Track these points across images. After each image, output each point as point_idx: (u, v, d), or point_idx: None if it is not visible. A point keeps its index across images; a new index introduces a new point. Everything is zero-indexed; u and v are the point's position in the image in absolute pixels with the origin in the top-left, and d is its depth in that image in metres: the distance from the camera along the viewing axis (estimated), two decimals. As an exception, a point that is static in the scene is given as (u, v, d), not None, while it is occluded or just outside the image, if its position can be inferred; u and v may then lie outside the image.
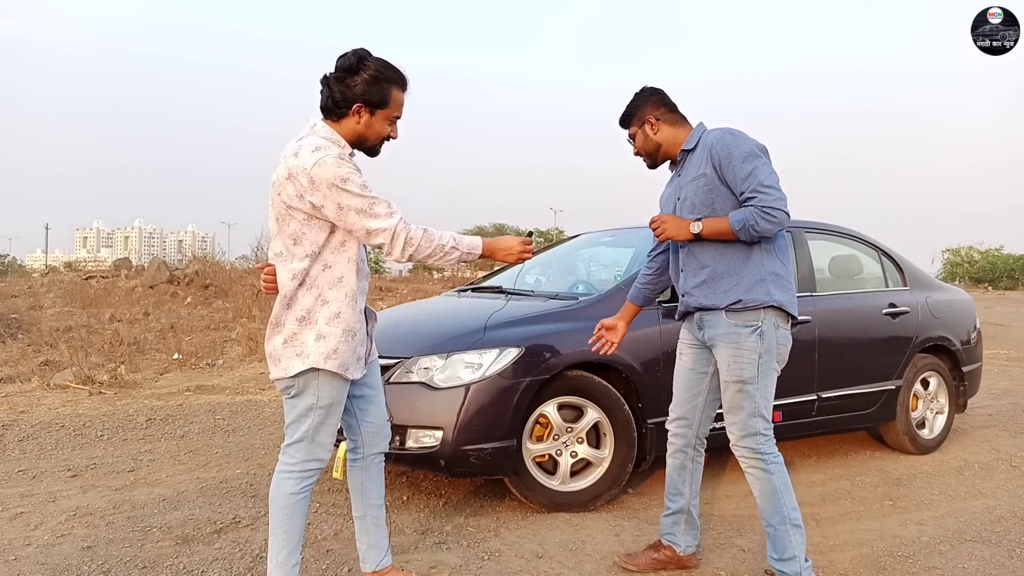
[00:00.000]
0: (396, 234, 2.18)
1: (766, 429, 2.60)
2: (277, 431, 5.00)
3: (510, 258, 2.40)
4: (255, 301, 12.88)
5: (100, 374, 6.75)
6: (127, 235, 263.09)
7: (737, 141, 2.55)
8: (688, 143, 2.71)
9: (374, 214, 2.17)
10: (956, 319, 4.88)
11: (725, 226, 2.52)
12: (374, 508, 2.56)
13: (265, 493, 3.67)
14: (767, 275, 2.58)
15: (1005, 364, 8.83)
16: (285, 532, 2.31)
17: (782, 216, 2.46)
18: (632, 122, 2.78)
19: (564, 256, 5.25)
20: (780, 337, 2.60)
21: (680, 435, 2.84)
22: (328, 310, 2.24)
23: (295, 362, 2.23)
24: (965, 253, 41.21)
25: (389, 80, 2.26)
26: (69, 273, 24.46)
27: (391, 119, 2.32)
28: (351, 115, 2.25)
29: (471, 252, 2.33)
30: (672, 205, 2.76)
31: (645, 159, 2.82)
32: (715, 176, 2.58)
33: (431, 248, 2.24)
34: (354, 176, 2.16)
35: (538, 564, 2.87)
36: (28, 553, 2.94)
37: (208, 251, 26.34)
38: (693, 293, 2.69)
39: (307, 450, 2.30)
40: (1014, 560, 3.02)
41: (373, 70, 2.23)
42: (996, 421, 5.60)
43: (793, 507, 2.59)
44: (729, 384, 2.61)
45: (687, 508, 2.85)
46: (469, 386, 3.23)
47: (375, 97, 2.24)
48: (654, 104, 2.75)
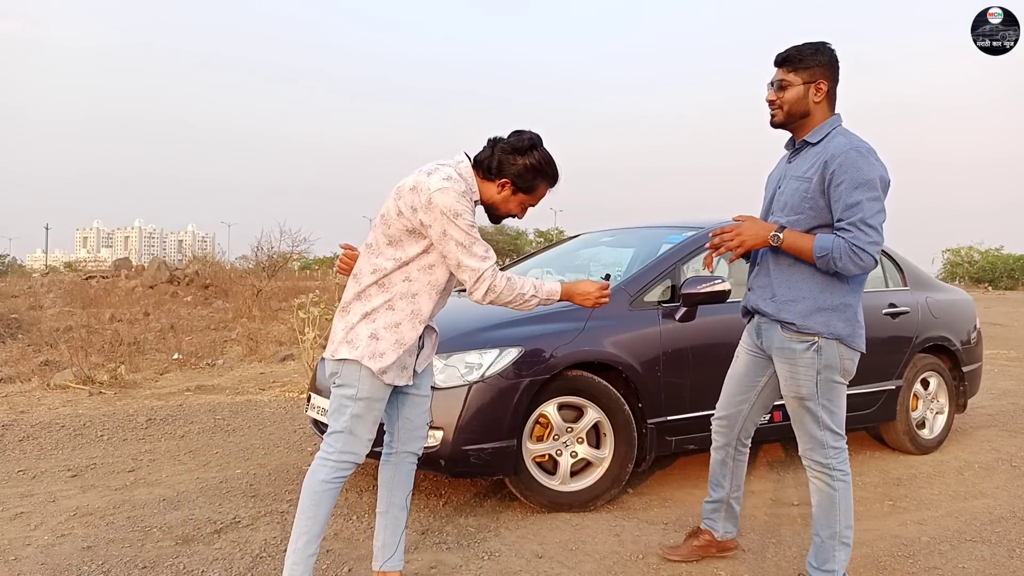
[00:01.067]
0: (482, 278, 2.32)
1: (836, 442, 2.53)
2: (277, 431, 5.00)
3: (587, 302, 2.49)
4: (255, 301, 12.89)
5: (100, 374, 6.75)
6: (127, 235, 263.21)
7: (860, 163, 2.33)
8: (814, 135, 2.48)
9: (471, 252, 2.30)
10: (956, 319, 4.88)
11: (807, 248, 2.38)
12: (396, 508, 2.59)
13: (265, 493, 3.67)
14: (833, 305, 2.44)
15: (1005, 364, 8.83)
16: (309, 519, 2.34)
17: (869, 261, 2.32)
18: (801, 70, 2.45)
19: (564, 256, 5.26)
20: (844, 351, 2.47)
21: (722, 434, 2.85)
22: (391, 317, 2.34)
23: (344, 348, 2.34)
24: (965, 253, 41.17)
25: (545, 175, 2.42)
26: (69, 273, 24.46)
27: (525, 205, 2.46)
28: (496, 183, 2.39)
29: (549, 298, 2.43)
30: (772, 190, 2.63)
31: (776, 114, 2.52)
32: (819, 188, 2.40)
33: (512, 296, 2.37)
34: (467, 215, 2.29)
35: (538, 564, 2.87)
36: (28, 553, 2.94)
37: (208, 251, 26.36)
38: (755, 291, 2.62)
39: (344, 441, 2.35)
40: (1014, 560, 3.02)
41: (537, 161, 2.38)
42: (996, 421, 5.60)
43: (847, 525, 2.55)
44: (789, 399, 2.56)
45: (727, 499, 2.88)
46: (469, 386, 3.23)
47: (525, 184, 2.40)
48: (833, 72, 2.47)
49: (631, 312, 3.63)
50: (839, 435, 2.54)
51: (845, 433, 2.56)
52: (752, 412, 2.77)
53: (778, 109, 2.51)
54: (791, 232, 2.43)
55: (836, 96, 2.53)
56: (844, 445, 2.56)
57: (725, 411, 2.81)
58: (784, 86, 2.49)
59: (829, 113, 2.51)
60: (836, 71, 2.50)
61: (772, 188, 2.64)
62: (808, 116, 2.50)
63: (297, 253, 20.24)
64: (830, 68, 2.48)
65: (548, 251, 5.48)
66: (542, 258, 5.30)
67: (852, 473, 4.07)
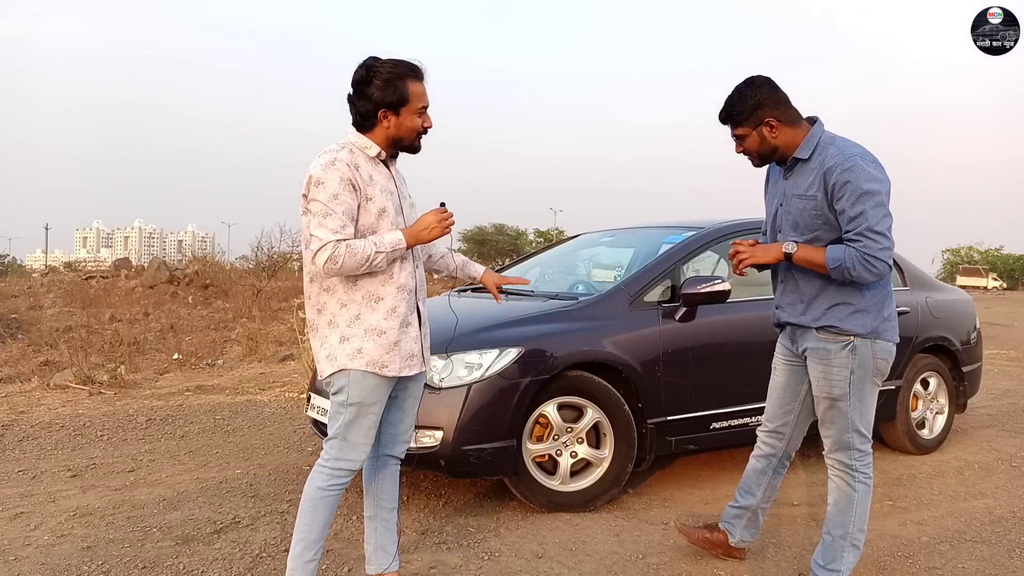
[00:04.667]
0: (324, 248, 2.18)
1: (862, 444, 2.52)
2: (277, 431, 5.00)
3: (435, 233, 2.33)
4: (255, 301, 12.89)
5: (100, 374, 6.75)
6: (127, 235, 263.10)
7: (858, 173, 2.33)
8: (802, 151, 2.47)
9: (323, 224, 2.19)
10: (956, 319, 4.87)
11: (820, 260, 2.38)
12: (385, 510, 2.56)
13: (265, 493, 3.68)
14: (865, 306, 2.45)
15: (1005, 364, 8.83)
16: (306, 525, 2.33)
17: (883, 268, 2.33)
18: (746, 123, 2.47)
19: (564, 256, 5.25)
20: (878, 351, 2.47)
21: (770, 445, 2.78)
22: (348, 312, 2.30)
23: (325, 364, 2.32)
24: (965, 253, 41.19)
25: (401, 76, 2.29)
26: (69, 273, 24.46)
27: (418, 111, 2.34)
28: (380, 122, 2.31)
29: (396, 248, 2.27)
30: (775, 208, 2.62)
31: (753, 160, 2.58)
32: (825, 203, 2.40)
33: (355, 261, 2.20)
34: (331, 185, 2.20)
35: (538, 564, 2.87)
36: (28, 553, 2.94)
37: (208, 251, 26.35)
38: (786, 308, 2.60)
39: (339, 448, 2.33)
40: (1014, 560, 3.02)
41: (384, 74, 2.27)
42: (996, 421, 5.60)
43: (860, 528, 2.55)
44: (820, 399, 2.55)
45: (755, 508, 2.82)
46: (469, 386, 3.23)
47: (393, 97, 2.28)
48: (773, 102, 2.46)
49: (631, 312, 3.63)
50: (866, 438, 2.53)
51: (872, 437, 2.55)
52: (799, 422, 2.72)
53: (750, 156, 2.56)
54: (804, 246, 2.44)
55: (796, 110, 2.51)
56: (870, 449, 2.55)
57: (774, 423, 2.75)
58: (741, 138, 2.52)
59: (802, 129, 2.49)
60: (776, 97, 2.47)
61: (774, 206, 2.63)
62: (778, 150, 2.51)
63: (297, 253, 20.26)
64: (769, 102, 2.46)
65: (548, 251, 5.48)
66: (542, 258, 5.30)
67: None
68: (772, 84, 2.49)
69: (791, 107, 2.50)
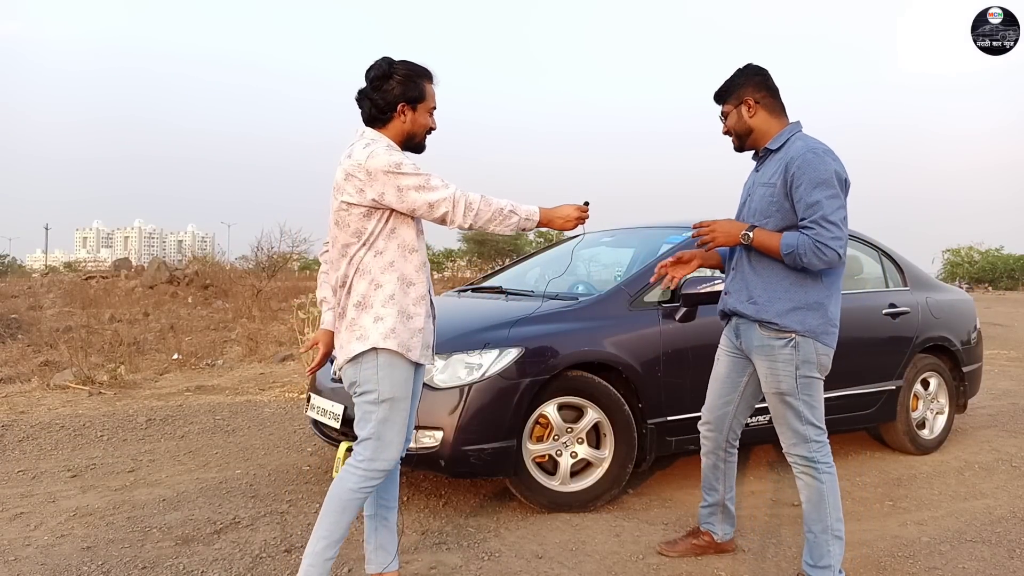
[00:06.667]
0: (456, 201, 2.27)
1: (818, 436, 2.59)
2: (277, 431, 5.00)
3: (568, 225, 2.44)
4: (255, 301, 12.89)
5: (100, 374, 6.75)
6: (127, 235, 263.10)
7: (816, 164, 2.44)
8: (774, 142, 2.62)
9: (431, 187, 2.27)
10: (956, 319, 4.88)
11: (774, 245, 2.48)
12: (384, 509, 2.57)
13: (265, 493, 3.67)
14: (808, 303, 2.52)
15: (1005, 364, 8.83)
16: (332, 524, 2.32)
17: (833, 256, 2.40)
18: (729, 99, 2.67)
19: (564, 256, 5.24)
20: (818, 347, 2.55)
21: (710, 438, 2.89)
22: (382, 292, 2.32)
23: (355, 344, 2.31)
24: (965, 253, 41.20)
25: (420, 75, 2.40)
26: (69, 273, 24.46)
27: (429, 111, 2.44)
28: (396, 117, 2.38)
29: (529, 219, 2.37)
30: (744, 198, 2.75)
31: (733, 140, 2.73)
32: (783, 191, 2.51)
33: (491, 212, 2.31)
34: (405, 160, 2.28)
35: (538, 564, 2.87)
36: (28, 553, 2.94)
37: (208, 251, 26.36)
38: (732, 294, 2.69)
39: (373, 448, 2.32)
40: (1014, 560, 3.02)
41: (404, 70, 2.37)
42: (996, 421, 5.60)
43: (837, 518, 2.59)
44: (770, 396, 2.62)
45: (722, 502, 2.92)
46: (469, 386, 3.23)
47: (413, 93, 2.37)
48: (756, 85, 2.63)
49: (631, 312, 3.63)
50: (820, 429, 2.60)
51: (825, 427, 2.61)
52: (738, 413, 2.83)
53: (730, 136, 2.72)
54: (761, 231, 2.53)
55: (781, 104, 2.66)
56: (826, 439, 2.62)
57: (711, 415, 2.87)
58: (726, 115, 2.70)
59: (780, 122, 2.65)
60: (763, 84, 2.64)
61: (744, 196, 2.76)
62: (753, 132, 2.66)
63: (297, 253, 20.28)
64: (755, 85, 2.64)
65: (548, 251, 5.47)
66: (542, 258, 5.30)
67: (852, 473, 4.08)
68: (764, 73, 2.66)
69: (776, 99, 2.65)
